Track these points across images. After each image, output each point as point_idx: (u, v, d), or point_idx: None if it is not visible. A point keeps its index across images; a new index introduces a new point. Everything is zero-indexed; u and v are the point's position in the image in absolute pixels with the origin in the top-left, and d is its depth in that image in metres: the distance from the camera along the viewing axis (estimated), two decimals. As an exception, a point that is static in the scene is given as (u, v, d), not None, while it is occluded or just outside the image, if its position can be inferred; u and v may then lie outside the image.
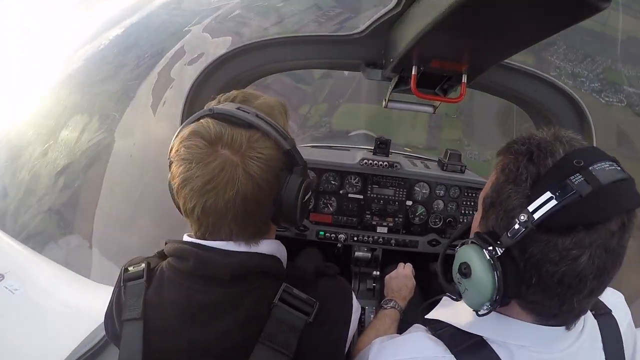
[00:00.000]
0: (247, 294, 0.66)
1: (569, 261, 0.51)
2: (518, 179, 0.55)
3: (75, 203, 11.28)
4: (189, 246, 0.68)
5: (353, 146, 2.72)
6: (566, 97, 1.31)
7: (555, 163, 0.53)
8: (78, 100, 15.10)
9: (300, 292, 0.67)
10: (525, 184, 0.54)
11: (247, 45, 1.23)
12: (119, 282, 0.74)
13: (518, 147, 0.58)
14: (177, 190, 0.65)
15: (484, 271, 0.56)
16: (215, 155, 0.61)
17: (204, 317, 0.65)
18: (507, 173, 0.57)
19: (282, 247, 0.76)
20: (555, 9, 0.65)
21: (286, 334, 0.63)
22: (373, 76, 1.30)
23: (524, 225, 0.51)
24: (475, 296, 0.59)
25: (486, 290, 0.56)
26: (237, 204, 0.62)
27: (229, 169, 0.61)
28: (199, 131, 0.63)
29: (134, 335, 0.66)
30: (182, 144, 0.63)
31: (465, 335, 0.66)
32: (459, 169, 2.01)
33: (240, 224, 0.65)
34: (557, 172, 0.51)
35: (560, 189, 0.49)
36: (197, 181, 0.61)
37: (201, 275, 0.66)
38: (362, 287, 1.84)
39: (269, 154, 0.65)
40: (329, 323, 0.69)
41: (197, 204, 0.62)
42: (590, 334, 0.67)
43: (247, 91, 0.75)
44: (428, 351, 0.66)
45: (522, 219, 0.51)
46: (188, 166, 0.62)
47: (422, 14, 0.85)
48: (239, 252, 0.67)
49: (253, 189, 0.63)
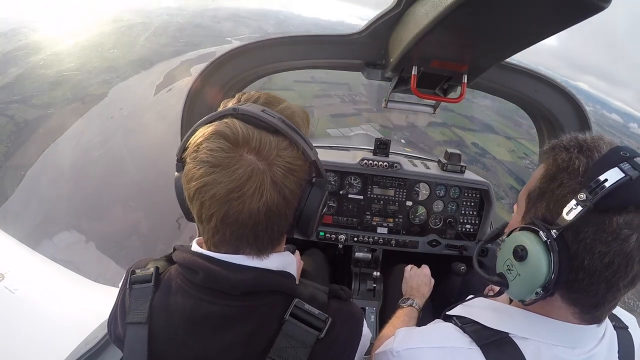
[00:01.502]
0: (257, 308, 0.64)
1: (620, 241, 0.54)
2: (570, 167, 0.59)
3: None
4: (199, 258, 0.65)
5: (353, 146, 2.72)
6: (566, 97, 1.31)
7: (604, 154, 0.58)
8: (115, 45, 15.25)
9: (312, 307, 0.65)
10: (578, 171, 0.58)
11: (247, 45, 1.23)
12: (124, 284, 0.72)
13: (567, 143, 0.62)
14: (194, 195, 0.59)
15: (541, 252, 0.58)
16: (241, 160, 0.57)
17: (210, 327, 0.63)
18: (560, 163, 0.61)
19: (291, 258, 0.73)
20: (555, 9, 0.65)
21: (296, 349, 0.61)
22: (373, 76, 1.31)
23: (582, 204, 0.55)
24: (528, 281, 0.60)
25: (541, 273, 0.58)
26: (260, 215, 0.58)
27: (256, 178, 0.57)
28: (224, 132, 0.58)
29: (139, 339, 0.64)
30: (203, 144, 0.58)
31: (489, 331, 0.67)
32: (459, 169, 2.01)
33: (258, 235, 0.62)
34: (607, 161, 0.56)
35: (612, 173, 0.54)
36: (221, 188, 0.56)
37: (211, 288, 0.64)
38: (363, 288, 1.84)
39: (297, 164, 0.61)
40: (339, 342, 0.67)
41: (216, 212, 0.58)
42: (610, 341, 0.69)
43: (270, 94, 0.71)
44: (455, 341, 0.68)
45: (581, 198, 0.55)
46: (210, 170, 0.57)
47: (422, 14, 0.85)
48: (250, 267, 0.64)
49: (279, 201, 0.59)
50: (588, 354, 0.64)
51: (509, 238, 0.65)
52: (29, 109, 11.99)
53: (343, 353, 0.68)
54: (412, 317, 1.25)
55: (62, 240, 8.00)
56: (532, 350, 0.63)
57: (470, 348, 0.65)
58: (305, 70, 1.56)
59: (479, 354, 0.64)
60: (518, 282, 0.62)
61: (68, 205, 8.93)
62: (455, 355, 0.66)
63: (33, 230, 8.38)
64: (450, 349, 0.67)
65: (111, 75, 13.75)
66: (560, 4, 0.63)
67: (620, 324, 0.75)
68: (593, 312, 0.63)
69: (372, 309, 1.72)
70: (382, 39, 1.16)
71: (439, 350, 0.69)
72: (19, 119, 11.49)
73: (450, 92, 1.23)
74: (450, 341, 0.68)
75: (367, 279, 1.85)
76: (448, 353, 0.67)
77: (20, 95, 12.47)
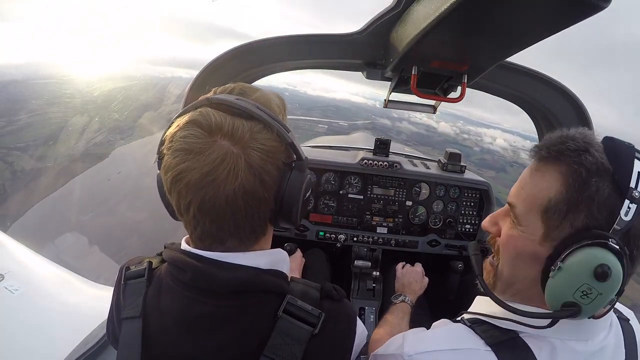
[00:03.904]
0: (248, 307, 0.63)
1: None
2: (600, 169, 0.56)
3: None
4: (187, 257, 0.64)
5: (353, 146, 2.72)
6: (566, 97, 1.31)
7: (613, 149, 0.57)
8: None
9: (305, 303, 0.64)
10: (607, 170, 0.56)
11: (247, 44, 1.23)
12: (119, 281, 0.72)
13: (574, 144, 0.59)
14: (171, 185, 0.59)
15: (618, 264, 0.53)
16: (214, 145, 0.56)
17: (202, 327, 0.62)
18: (588, 166, 0.57)
19: (282, 255, 0.72)
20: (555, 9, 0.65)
21: (291, 346, 0.61)
22: (373, 76, 1.30)
23: (637, 202, 0.53)
24: (608, 296, 0.54)
25: (618, 284, 0.54)
26: (238, 199, 0.57)
27: (230, 160, 0.56)
28: (197, 120, 0.58)
29: (133, 333, 0.63)
30: (177, 134, 0.58)
31: (498, 331, 0.66)
32: (459, 169, 2.01)
33: (239, 224, 0.61)
34: (622, 154, 0.56)
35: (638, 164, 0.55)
36: (195, 173, 0.56)
37: (199, 287, 0.63)
38: (362, 287, 1.84)
39: (272, 145, 0.60)
40: (333, 340, 0.66)
41: (193, 200, 0.57)
42: (616, 332, 0.69)
43: (244, 84, 0.70)
44: (469, 343, 0.65)
45: (636, 195, 0.53)
46: (185, 157, 0.56)
47: (422, 14, 0.85)
48: (238, 265, 0.63)
49: (255, 183, 0.58)
50: (600, 345, 0.64)
51: (576, 260, 0.55)
52: (29, 159, 11.94)
53: (337, 351, 0.67)
54: (406, 312, 1.26)
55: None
56: (545, 347, 0.61)
57: (486, 350, 0.63)
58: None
59: (493, 355, 0.62)
60: (597, 301, 0.55)
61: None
62: (471, 357, 0.64)
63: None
64: (467, 351, 0.65)
65: (116, 136, 13.72)
66: (560, 3, 0.63)
67: (622, 315, 0.75)
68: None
69: (372, 309, 1.71)
70: (382, 38, 1.15)
71: (455, 353, 0.66)
72: (17, 167, 11.47)
73: (450, 92, 1.23)
74: (464, 343, 0.66)
75: (367, 279, 1.85)
76: (464, 355, 0.65)
77: (24, 143, 12.40)
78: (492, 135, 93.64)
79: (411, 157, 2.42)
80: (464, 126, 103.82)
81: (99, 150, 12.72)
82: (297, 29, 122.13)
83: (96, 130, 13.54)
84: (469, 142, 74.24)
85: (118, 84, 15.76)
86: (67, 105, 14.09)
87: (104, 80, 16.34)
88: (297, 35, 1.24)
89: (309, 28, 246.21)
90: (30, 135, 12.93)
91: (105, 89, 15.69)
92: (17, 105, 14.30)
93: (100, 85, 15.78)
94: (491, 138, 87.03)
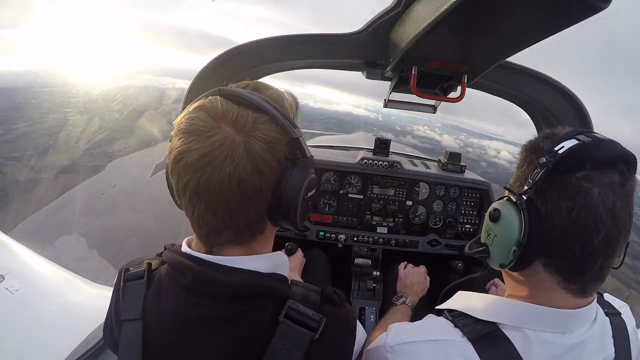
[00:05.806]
0: (249, 311, 0.63)
1: (583, 195, 0.58)
2: (537, 149, 0.66)
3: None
4: (187, 260, 0.64)
5: (353, 146, 2.72)
6: (566, 97, 1.31)
7: (564, 133, 0.65)
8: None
9: (306, 308, 0.64)
10: (543, 150, 0.64)
11: (247, 44, 1.23)
12: (118, 283, 0.71)
13: (533, 140, 0.69)
14: (172, 166, 0.59)
15: (512, 211, 0.64)
16: (217, 130, 0.57)
17: (202, 331, 0.62)
18: (528, 147, 0.68)
19: (283, 259, 0.72)
20: (555, 9, 0.65)
21: (291, 350, 0.61)
22: (373, 76, 1.30)
23: (542, 167, 0.61)
24: (504, 239, 0.65)
25: (513, 231, 0.63)
26: (232, 185, 0.57)
27: (228, 145, 0.56)
28: (205, 105, 0.59)
29: (133, 335, 0.63)
30: (185, 117, 0.59)
31: (479, 324, 0.68)
32: (459, 168, 2.01)
33: (233, 213, 0.60)
34: (565, 137, 0.63)
35: (568, 142, 0.61)
36: (194, 154, 0.56)
37: (200, 291, 0.63)
38: (362, 287, 1.84)
39: (274, 137, 0.60)
40: (333, 345, 0.66)
41: (190, 181, 0.57)
42: (602, 326, 0.70)
43: (260, 82, 0.71)
44: (447, 334, 0.68)
45: (542, 161, 0.61)
46: (188, 138, 0.57)
47: (422, 14, 0.85)
48: (239, 269, 0.63)
49: (252, 171, 0.57)
50: (579, 339, 0.65)
51: (490, 207, 0.71)
52: (24, 169, 11.78)
53: (337, 356, 0.67)
54: (406, 314, 1.26)
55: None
56: (520, 338, 0.64)
57: (462, 341, 0.66)
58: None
59: (471, 347, 0.65)
60: (496, 244, 0.68)
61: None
62: (448, 347, 0.67)
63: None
64: (444, 342, 0.68)
65: (113, 148, 13.57)
66: (560, 4, 0.63)
67: (612, 310, 0.76)
68: (578, 279, 0.63)
69: (372, 309, 1.71)
70: (382, 38, 1.15)
71: (433, 343, 0.69)
72: (11, 177, 11.36)
73: (450, 91, 1.23)
74: (443, 334, 0.69)
75: (367, 279, 1.85)
76: (442, 346, 0.68)
77: (21, 153, 12.26)
78: (496, 147, 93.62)
79: (411, 156, 2.42)
80: (467, 139, 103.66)
81: (95, 162, 12.61)
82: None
83: (95, 130, 13.46)
84: (473, 155, 73.75)
85: (118, 94, 15.70)
86: (71, 104, 13.99)
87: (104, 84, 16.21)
88: (298, 35, 1.24)
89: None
90: (26, 147, 12.81)
91: (105, 89, 15.54)
92: (18, 112, 14.23)
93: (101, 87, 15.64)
94: (495, 150, 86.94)
